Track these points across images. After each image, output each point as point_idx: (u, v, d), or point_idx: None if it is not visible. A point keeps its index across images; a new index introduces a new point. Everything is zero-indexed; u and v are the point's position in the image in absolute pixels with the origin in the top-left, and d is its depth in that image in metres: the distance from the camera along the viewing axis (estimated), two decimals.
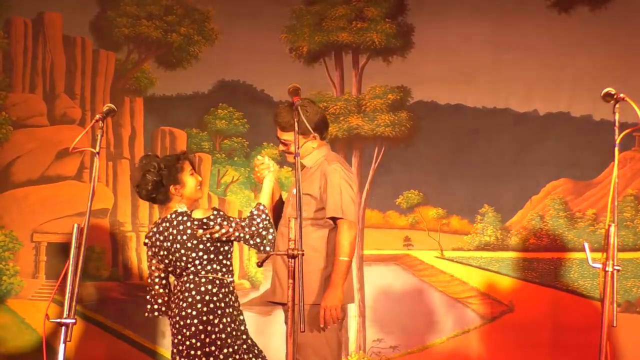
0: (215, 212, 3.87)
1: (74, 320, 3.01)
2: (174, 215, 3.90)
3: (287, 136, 3.93)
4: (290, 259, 3.22)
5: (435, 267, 5.69)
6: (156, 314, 4.02)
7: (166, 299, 4.00)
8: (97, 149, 3.23)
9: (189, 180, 3.95)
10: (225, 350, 3.77)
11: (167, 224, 3.90)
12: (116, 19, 5.96)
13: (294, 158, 3.37)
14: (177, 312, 3.83)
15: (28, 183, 5.87)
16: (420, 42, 5.80)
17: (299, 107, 3.39)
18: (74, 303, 3.01)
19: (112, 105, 3.46)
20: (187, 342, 3.78)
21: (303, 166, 4.03)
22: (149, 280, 4.03)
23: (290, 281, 3.21)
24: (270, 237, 3.82)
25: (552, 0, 5.72)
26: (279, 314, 5.45)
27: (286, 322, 3.69)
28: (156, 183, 3.90)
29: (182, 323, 3.80)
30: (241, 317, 3.95)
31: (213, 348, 3.76)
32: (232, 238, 3.83)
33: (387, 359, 5.55)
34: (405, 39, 5.83)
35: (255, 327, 5.46)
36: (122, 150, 5.91)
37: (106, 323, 5.70)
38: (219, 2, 5.94)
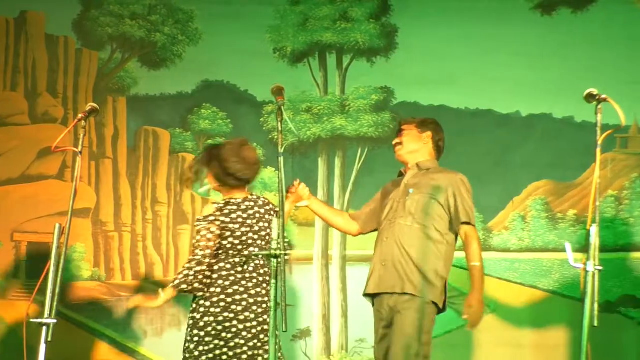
0: (202, 224, 3.88)
1: (55, 320, 3.00)
2: None
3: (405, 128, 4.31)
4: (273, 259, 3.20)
5: None
6: None
7: None
8: (80, 149, 3.22)
9: None
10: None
11: None
12: (99, 18, 5.94)
13: (277, 158, 3.35)
14: None
15: (9, 182, 5.83)
16: (403, 43, 5.82)
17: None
18: (55, 303, 3.00)
19: (95, 105, 3.43)
20: None
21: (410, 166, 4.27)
22: None
23: (274, 281, 3.19)
24: (181, 276, 3.80)
25: (535, 2, 5.76)
26: None
27: (380, 311, 3.91)
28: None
29: None
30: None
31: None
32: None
33: (369, 359, 5.55)
34: (389, 39, 5.85)
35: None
36: (105, 149, 5.88)
37: (87, 323, 5.68)
38: (203, 2, 5.93)
